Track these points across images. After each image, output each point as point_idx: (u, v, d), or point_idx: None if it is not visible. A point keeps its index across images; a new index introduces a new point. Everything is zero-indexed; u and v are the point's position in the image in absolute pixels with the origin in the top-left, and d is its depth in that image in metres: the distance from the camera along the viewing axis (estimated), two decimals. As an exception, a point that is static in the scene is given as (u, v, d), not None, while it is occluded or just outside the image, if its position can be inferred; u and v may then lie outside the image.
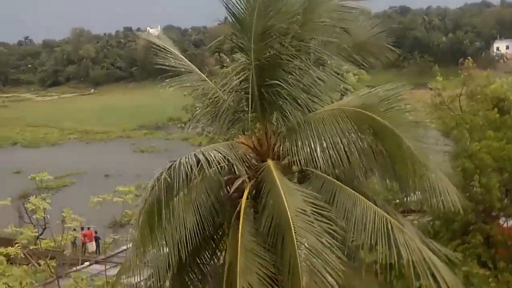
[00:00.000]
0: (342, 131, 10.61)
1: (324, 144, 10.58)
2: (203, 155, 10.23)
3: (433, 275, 9.88)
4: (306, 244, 9.16)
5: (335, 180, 10.59)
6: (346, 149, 10.53)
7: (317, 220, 9.58)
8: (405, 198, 12.17)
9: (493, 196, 23.05)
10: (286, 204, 9.70)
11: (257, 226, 10.23)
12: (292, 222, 9.39)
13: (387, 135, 10.26)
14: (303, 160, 10.65)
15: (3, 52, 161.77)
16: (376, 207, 10.29)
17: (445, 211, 10.92)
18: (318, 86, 11.41)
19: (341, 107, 10.97)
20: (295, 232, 9.26)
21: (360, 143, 10.57)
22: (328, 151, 10.53)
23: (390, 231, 9.96)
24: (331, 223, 9.69)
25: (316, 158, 10.51)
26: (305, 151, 10.62)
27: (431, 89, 28.44)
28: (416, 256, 9.85)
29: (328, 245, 9.29)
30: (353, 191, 10.48)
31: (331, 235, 9.43)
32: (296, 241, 9.17)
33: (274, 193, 10.09)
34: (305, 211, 9.65)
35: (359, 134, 10.61)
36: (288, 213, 9.53)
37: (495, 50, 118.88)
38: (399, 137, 10.06)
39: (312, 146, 10.60)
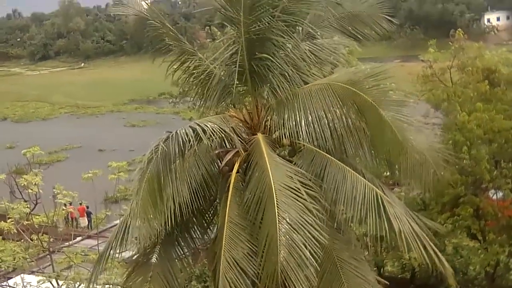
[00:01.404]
0: (327, 106, 10.63)
1: (310, 118, 10.61)
2: (199, 126, 10.25)
3: (424, 247, 10.00)
4: (287, 219, 9.22)
5: (325, 154, 10.63)
6: (330, 124, 10.56)
7: (301, 196, 9.62)
8: (390, 173, 12.24)
9: (482, 168, 23.16)
10: (271, 178, 9.74)
11: (243, 200, 10.28)
12: (276, 196, 9.45)
13: (369, 113, 10.30)
14: (291, 134, 10.67)
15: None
16: (365, 180, 10.36)
17: (434, 184, 10.95)
18: (308, 59, 11.39)
19: (328, 82, 10.98)
20: (277, 207, 9.33)
21: (344, 119, 10.58)
22: (313, 125, 10.56)
23: (381, 204, 10.04)
24: (315, 200, 9.72)
25: (300, 132, 10.54)
26: (291, 124, 10.65)
27: (422, 61, 28.38)
28: (407, 228, 9.94)
29: (311, 221, 9.33)
30: (343, 164, 10.53)
31: (313, 213, 9.46)
32: (278, 215, 9.23)
33: (260, 166, 10.14)
34: (290, 187, 9.69)
35: (344, 110, 10.62)
36: (273, 187, 9.58)
37: (486, 22, 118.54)
38: (381, 115, 10.08)
39: (298, 119, 10.62)
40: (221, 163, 10.98)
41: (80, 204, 36.44)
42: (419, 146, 10.61)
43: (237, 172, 10.63)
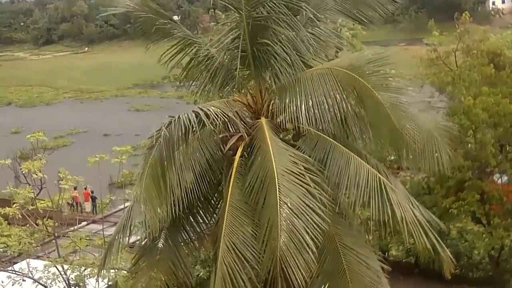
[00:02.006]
0: (327, 91, 10.55)
1: (310, 103, 10.54)
2: (202, 110, 10.22)
3: (426, 234, 9.98)
4: (289, 204, 9.19)
5: (329, 138, 10.59)
6: (330, 109, 10.48)
7: (303, 181, 9.58)
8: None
9: (488, 152, 23.14)
10: (273, 162, 9.72)
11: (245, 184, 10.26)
12: (277, 180, 9.42)
13: (368, 99, 10.21)
14: (292, 118, 10.62)
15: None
16: (369, 166, 10.32)
17: (440, 167, 10.90)
18: (311, 43, 11.32)
19: (329, 67, 10.91)
20: (279, 191, 9.29)
21: (344, 104, 10.52)
22: (313, 110, 10.49)
23: (383, 190, 10.02)
24: (317, 185, 9.68)
25: (300, 116, 10.48)
26: (292, 109, 10.60)
27: (427, 44, 28.28)
28: (409, 215, 9.92)
29: (312, 206, 9.31)
30: (346, 149, 10.50)
31: (315, 198, 9.43)
32: (279, 200, 9.20)
33: (263, 151, 10.11)
34: (292, 171, 9.66)
35: (344, 96, 10.55)
36: (275, 171, 9.56)
37: (491, 4, 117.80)
38: (379, 101, 9.99)
39: (298, 104, 10.57)
40: (225, 148, 10.95)
41: (85, 189, 36.53)
42: (425, 126, 10.55)
43: (241, 156, 10.61)
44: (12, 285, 16.78)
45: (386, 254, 27.66)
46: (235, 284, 9.47)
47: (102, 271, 13.29)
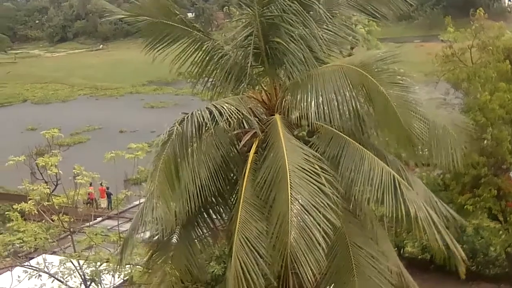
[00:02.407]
0: (338, 88, 10.53)
1: (320, 100, 10.53)
2: (215, 107, 10.23)
3: (439, 232, 9.94)
4: (300, 201, 9.20)
5: (343, 135, 10.59)
6: (339, 106, 10.46)
7: (315, 179, 9.58)
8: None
9: (504, 149, 22.99)
10: (286, 159, 9.73)
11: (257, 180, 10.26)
12: (289, 177, 9.43)
13: (377, 96, 10.17)
14: (303, 115, 10.61)
15: (11, 8, 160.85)
16: (383, 163, 10.27)
17: (454, 165, 10.85)
18: (324, 40, 11.31)
19: (341, 64, 10.91)
20: (290, 187, 9.31)
21: (353, 102, 10.47)
22: (323, 107, 10.47)
23: (397, 187, 9.98)
24: (329, 183, 9.67)
25: (310, 113, 10.48)
26: (303, 105, 10.59)
27: (442, 41, 28.16)
28: (423, 213, 9.88)
29: (324, 204, 9.30)
30: (360, 146, 10.47)
31: (326, 195, 9.43)
32: (290, 196, 9.20)
33: (276, 147, 10.12)
34: (304, 168, 9.66)
35: (353, 93, 10.50)
36: (287, 168, 9.57)
37: (507, 1, 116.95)
38: (387, 100, 9.93)
39: (309, 101, 10.56)
40: (239, 144, 10.97)
41: (101, 185, 36.71)
42: (440, 122, 10.50)
43: (255, 152, 10.62)
44: (29, 279, 16.89)
45: (402, 250, 27.57)
46: (249, 280, 9.49)
47: (118, 266, 13.36)
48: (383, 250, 11.09)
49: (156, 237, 11.48)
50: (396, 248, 24.35)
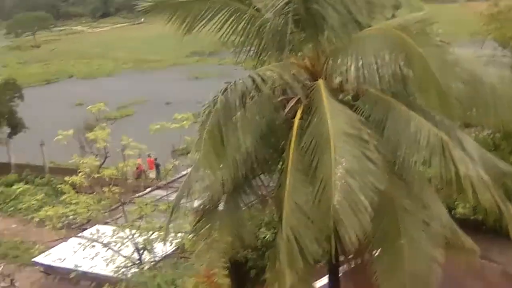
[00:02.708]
0: (377, 51, 10.38)
1: (360, 63, 10.43)
2: (258, 75, 10.27)
3: (490, 192, 9.82)
4: (344, 164, 9.14)
5: (388, 97, 10.50)
6: (379, 70, 10.30)
7: (359, 142, 9.55)
8: None
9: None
10: (329, 123, 9.70)
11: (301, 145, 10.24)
12: (333, 141, 9.40)
13: (416, 59, 9.98)
14: (345, 79, 10.54)
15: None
16: (430, 124, 10.16)
17: (504, 124, 10.65)
18: (365, 3, 11.19)
19: (380, 27, 10.81)
20: (334, 151, 9.28)
21: (393, 65, 10.31)
22: (362, 71, 10.36)
23: (445, 148, 9.87)
24: (375, 146, 9.61)
25: (351, 77, 10.38)
26: (343, 70, 10.51)
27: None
28: (473, 173, 9.76)
29: (368, 167, 9.25)
30: (406, 108, 10.38)
31: (371, 159, 9.37)
32: (334, 160, 9.17)
33: (320, 112, 10.10)
34: (348, 132, 9.63)
35: (393, 56, 10.36)
36: (330, 132, 9.55)
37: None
38: (426, 62, 9.73)
39: (348, 64, 10.48)
40: (284, 111, 11.00)
41: (149, 156, 37.19)
42: (487, 80, 10.32)
43: (300, 118, 10.63)
44: (83, 250, 17.34)
45: (453, 212, 27.32)
46: (301, 245, 9.58)
47: (167, 234, 13.60)
48: (433, 213, 10.91)
49: (204, 205, 11.65)
50: (447, 210, 24.15)
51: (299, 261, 9.61)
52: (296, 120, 10.59)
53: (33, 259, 20.79)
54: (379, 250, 10.77)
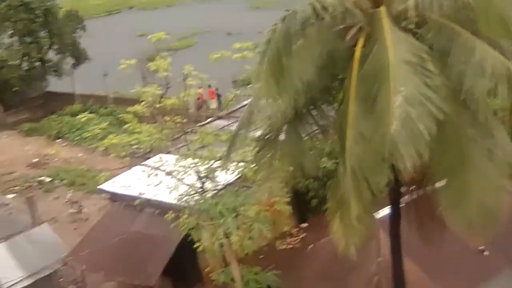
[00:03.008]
0: None
1: None
2: (319, 2, 10.07)
3: None
4: (403, 93, 8.98)
5: (453, 25, 10.17)
6: None
7: (421, 71, 9.31)
8: None
9: None
10: (389, 51, 9.49)
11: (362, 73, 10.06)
12: (393, 69, 9.23)
13: None
14: (410, 5, 10.21)
15: None
16: (496, 53, 9.81)
17: None
18: None
19: None
20: (393, 80, 9.11)
21: None
22: None
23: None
24: (438, 75, 9.36)
25: (409, 3, 10.05)
26: None
27: None
28: None
29: (429, 96, 9.03)
30: (472, 35, 10.03)
31: (432, 88, 9.14)
32: (393, 88, 9.02)
33: (381, 40, 9.88)
34: (409, 60, 9.40)
35: None
36: (390, 60, 9.35)
37: None
38: None
39: None
40: (345, 39, 10.79)
41: (209, 86, 37.32)
42: None
43: (362, 46, 10.43)
44: (147, 178, 17.72)
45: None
46: (365, 175, 9.55)
47: (227, 163, 13.72)
48: (498, 143, 10.60)
49: (265, 134, 11.69)
50: None
51: (365, 192, 9.62)
52: (358, 49, 10.39)
53: (98, 187, 21.36)
54: (443, 182, 10.61)
